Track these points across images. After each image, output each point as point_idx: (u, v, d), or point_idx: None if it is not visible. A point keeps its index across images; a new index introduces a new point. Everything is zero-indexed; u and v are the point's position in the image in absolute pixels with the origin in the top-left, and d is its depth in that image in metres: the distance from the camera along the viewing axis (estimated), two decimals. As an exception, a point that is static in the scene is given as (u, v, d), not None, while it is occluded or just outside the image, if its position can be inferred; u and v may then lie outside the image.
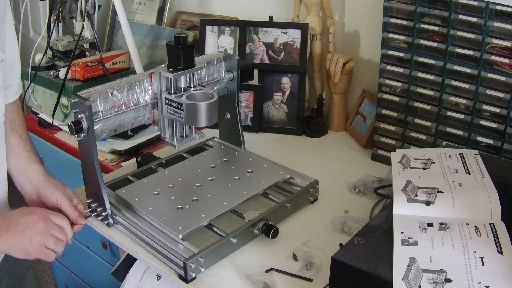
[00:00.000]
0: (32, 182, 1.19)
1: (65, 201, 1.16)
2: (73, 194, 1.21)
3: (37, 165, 1.21)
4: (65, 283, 2.16)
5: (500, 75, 1.23)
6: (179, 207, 1.16)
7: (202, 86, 1.23)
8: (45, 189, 1.18)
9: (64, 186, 1.21)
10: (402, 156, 1.19)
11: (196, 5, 2.04)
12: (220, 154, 1.40)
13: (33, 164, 1.21)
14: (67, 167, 1.69)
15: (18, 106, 1.26)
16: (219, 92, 1.35)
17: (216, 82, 1.34)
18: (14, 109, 1.24)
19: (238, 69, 1.35)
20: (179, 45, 1.14)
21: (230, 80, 1.36)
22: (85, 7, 1.73)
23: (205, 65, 1.29)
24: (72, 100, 1.08)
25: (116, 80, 1.17)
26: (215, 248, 1.06)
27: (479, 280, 0.80)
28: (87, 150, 1.12)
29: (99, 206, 1.17)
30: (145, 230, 1.13)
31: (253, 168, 1.32)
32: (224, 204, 1.17)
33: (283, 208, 1.20)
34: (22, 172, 1.20)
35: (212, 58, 1.32)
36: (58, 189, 1.18)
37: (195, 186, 1.24)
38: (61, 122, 1.76)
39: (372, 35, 1.63)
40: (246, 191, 1.22)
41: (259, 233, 1.13)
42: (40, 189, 1.18)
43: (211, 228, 1.14)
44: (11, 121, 1.22)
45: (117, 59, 1.79)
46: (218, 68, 1.34)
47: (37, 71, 1.79)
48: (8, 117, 1.22)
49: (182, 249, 1.06)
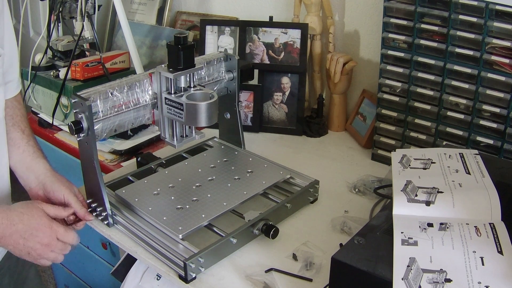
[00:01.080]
0: (38, 177, 1.18)
1: (73, 197, 1.15)
2: (79, 191, 1.20)
3: (42, 160, 1.20)
4: (65, 283, 2.16)
5: (500, 75, 1.23)
6: (179, 207, 1.16)
7: (202, 86, 1.23)
8: (52, 185, 1.17)
9: (70, 183, 1.20)
10: (402, 156, 1.19)
11: (196, 5, 2.04)
12: (220, 154, 1.40)
13: (39, 159, 1.20)
14: (67, 167, 1.69)
15: (19, 102, 1.25)
16: (219, 92, 1.35)
17: (216, 82, 1.34)
18: (15, 105, 1.23)
19: (238, 69, 1.35)
20: (179, 45, 1.14)
21: (230, 80, 1.36)
22: (85, 7, 1.73)
23: (205, 65, 1.29)
24: (72, 100, 1.08)
25: (116, 80, 1.17)
26: (215, 248, 1.06)
27: (479, 280, 0.80)
28: (87, 150, 1.12)
29: (99, 206, 1.17)
30: (145, 230, 1.13)
31: (253, 168, 1.32)
32: (224, 204, 1.17)
33: (283, 208, 1.20)
34: (28, 168, 1.19)
35: (212, 58, 1.32)
36: (65, 186, 1.17)
37: (195, 186, 1.24)
38: (61, 122, 1.76)
39: (372, 35, 1.63)
40: (246, 191, 1.22)
41: (259, 233, 1.13)
42: (46, 184, 1.17)
43: (211, 228, 1.14)
44: (12, 116, 1.21)
45: (117, 59, 1.79)
46: (218, 68, 1.34)
47: (37, 71, 1.79)
48: (9, 113, 1.20)
49: (182, 249, 1.06)
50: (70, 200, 1.15)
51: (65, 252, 1.10)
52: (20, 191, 1.23)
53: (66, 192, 1.15)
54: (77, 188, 1.21)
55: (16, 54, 1.22)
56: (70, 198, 1.15)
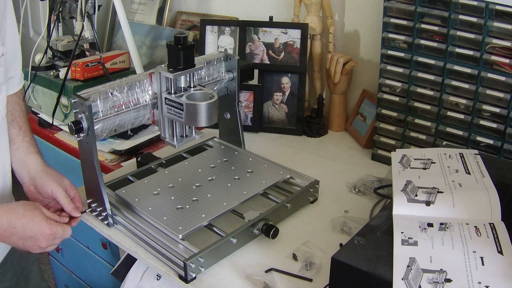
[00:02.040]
0: (30, 172, 1.19)
1: (61, 192, 1.15)
2: (71, 185, 1.20)
3: (35, 156, 1.21)
4: (65, 283, 2.16)
5: (500, 75, 1.23)
6: (179, 207, 1.16)
7: (202, 86, 1.23)
8: (41, 180, 1.17)
9: (61, 177, 1.19)
10: (402, 156, 1.19)
11: (196, 5, 2.04)
12: (220, 154, 1.40)
13: (32, 155, 1.20)
14: (67, 167, 1.69)
15: (19, 97, 1.26)
16: (219, 92, 1.35)
17: (216, 82, 1.34)
18: (15, 100, 1.23)
19: (238, 69, 1.35)
20: (179, 45, 1.14)
21: (230, 80, 1.36)
22: (85, 7, 1.73)
23: (205, 65, 1.29)
24: (72, 100, 1.08)
25: (116, 80, 1.17)
26: (215, 248, 1.06)
27: (479, 280, 0.80)
28: (87, 150, 1.12)
29: (99, 206, 1.17)
30: (145, 230, 1.13)
31: (253, 168, 1.32)
32: (224, 204, 1.17)
33: (283, 208, 1.20)
34: (21, 163, 1.20)
35: (212, 58, 1.32)
36: (54, 180, 1.17)
37: (195, 186, 1.24)
38: (61, 122, 1.76)
39: (372, 35, 1.63)
40: (246, 191, 1.22)
41: (259, 233, 1.13)
42: (36, 180, 1.18)
43: (211, 228, 1.14)
44: (12, 112, 1.22)
45: (117, 59, 1.79)
46: (218, 68, 1.34)
47: (37, 71, 1.79)
48: (9, 108, 1.21)
49: (182, 249, 1.06)
50: (58, 195, 1.15)
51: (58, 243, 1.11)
52: (22, 189, 1.24)
53: (54, 187, 1.15)
54: (69, 182, 1.20)
55: (19, 50, 1.23)
56: (58, 193, 1.15)
